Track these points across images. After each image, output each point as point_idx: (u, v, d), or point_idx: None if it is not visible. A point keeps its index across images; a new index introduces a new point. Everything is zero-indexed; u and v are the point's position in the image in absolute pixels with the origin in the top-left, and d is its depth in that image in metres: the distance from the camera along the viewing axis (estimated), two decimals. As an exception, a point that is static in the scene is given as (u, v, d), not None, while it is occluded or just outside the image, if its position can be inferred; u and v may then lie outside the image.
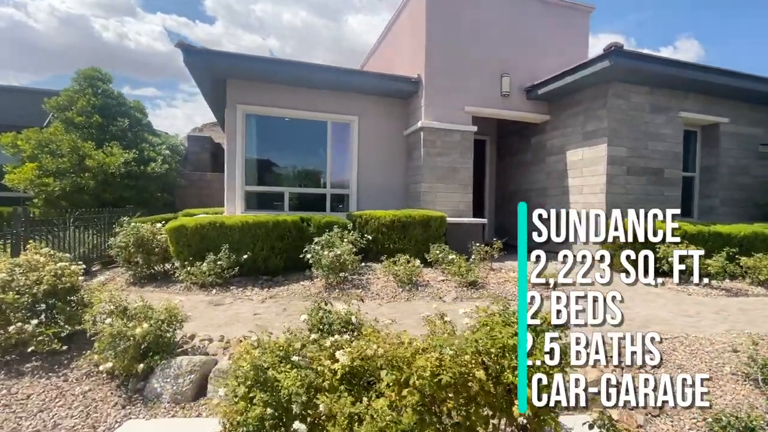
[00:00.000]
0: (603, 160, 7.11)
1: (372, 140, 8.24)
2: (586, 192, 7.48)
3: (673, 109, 7.64)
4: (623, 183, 7.23)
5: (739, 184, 8.47)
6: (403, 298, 4.97)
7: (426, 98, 7.59)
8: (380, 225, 6.50)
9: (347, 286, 5.28)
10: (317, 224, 6.16)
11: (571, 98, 7.83)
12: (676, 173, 7.74)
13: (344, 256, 5.22)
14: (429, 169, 7.63)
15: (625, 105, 7.23)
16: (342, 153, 8.26)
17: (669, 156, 7.67)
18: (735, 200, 8.41)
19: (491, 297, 4.96)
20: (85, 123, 9.80)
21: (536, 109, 8.42)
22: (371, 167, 8.24)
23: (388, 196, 8.28)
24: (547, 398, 1.88)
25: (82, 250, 6.43)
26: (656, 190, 7.59)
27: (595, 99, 7.28)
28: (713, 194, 8.24)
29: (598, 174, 7.22)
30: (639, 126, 7.34)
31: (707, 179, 8.29)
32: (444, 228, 6.73)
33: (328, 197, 8.12)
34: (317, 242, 5.44)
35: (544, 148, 8.66)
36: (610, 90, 7.07)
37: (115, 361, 2.85)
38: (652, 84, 7.32)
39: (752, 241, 6.28)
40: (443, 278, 5.60)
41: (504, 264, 6.61)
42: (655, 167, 7.51)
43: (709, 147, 8.27)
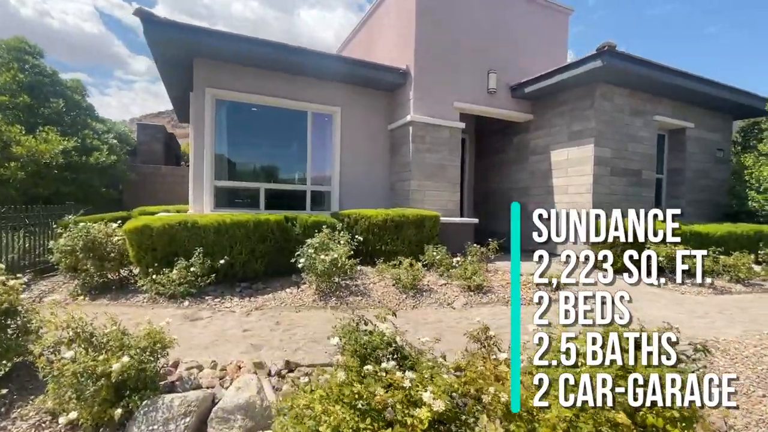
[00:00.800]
0: (590, 160, 7.16)
1: (355, 134, 7.71)
2: (572, 192, 7.50)
3: (649, 112, 7.89)
4: (608, 183, 7.33)
5: (701, 186, 9.00)
6: (408, 306, 4.53)
7: (415, 91, 7.19)
8: (371, 225, 6.02)
9: (344, 294, 4.74)
10: (303, 224, 5.54)
11: (557, 98, 7.83)
12: (651, 175, 8.02)
13: (342, 260, 4.69)
14: (418, 166, 7.26)
15: (610, 106, 7.33)
16: (323, 147, 7.65)
17: (646, 158, 7.92)
18: (698, 201, 8.93)
19: (501, 301, 4.68)
20: (9, 103, 8.28)
21: (521, 107, 8.35)
22: (354, 163, 7.70)
23: (372, 194, 7.80)
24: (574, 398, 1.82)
25: (10, 256, 5.29)
26: (635, 190, 7.80)
27: (583, 99, 7.31)
28: (680, 196, 8.67)
29: (584, 174, 7.26)
30: (621, 128, 7.49)
31: (674, 182, 8.70)
32: (438, 228, 6.39)
33: (309, 195, 7.47)
34: (310, 244, 4.85)
35: (527, 147, 8.63)
36: (598, 90, 7.12)
37: (81, 410, 2.13)
38: (633, 87, 7.49)
39: (726, 240, 6.60)
40: (444, 282, 5.24)
41: (497, 265, 6.39)
42: (635, 168, 7.72)
43: (676, 151, 8.68)
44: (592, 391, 1.84)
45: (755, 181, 7.50)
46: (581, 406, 1.64)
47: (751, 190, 7.60)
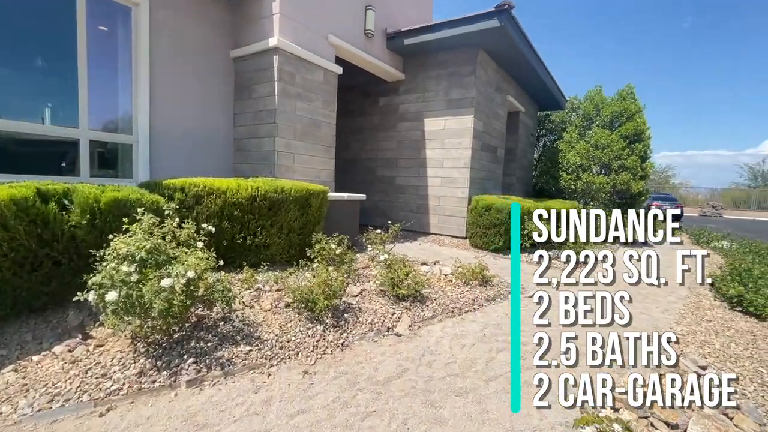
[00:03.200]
0: (469, 132, 6.70)
1: (175, 52, 4.73)
2: (448, 166, 6.96)
3: (505, 91, 8.12)
4: (479, 158, 7.11)
5: (524, 165, 10.27)
6: (331, 345, 2.69)
7: (282, 3, 4.85)
8: (227, 205, 3.65)
9: (192, 347, 2.43)
10: (88, 206, 2.70)
11: (436, 57, 6.99)
12: (502, 153, 8.39)
13: (201, 280, 2.36)
14: (287, 119, 5.05)
15: (485, 78, 7.02)
16: (114, 65, 4.36)
17: (500, 136, 8.19)
18: (522, 178, 10.15)
19: (448, 311, 3.44)
20: None
21: (394, 63, 7.14)
22: (176, 101, 4.77)
23: (206, 153, 5.11)
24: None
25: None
26: (494, 167, 7.98)
27: (464, 64, 6.69)
28: (512, 173, 9.59)
29: (462, 147, 6.78)
30: (489, 102, 7.36)
31: (509, 159, 9.53)
32: (326, 208, 4.55)
33: (86, 148, 4.14)
34: (119, 254, 2.23)
35: (396, 112, 7.59)
36: (480, 56, 6.62)
37: None
38: (499, 61, 7.41)
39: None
40: (358, 290, 3.58)
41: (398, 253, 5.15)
42: (494, 145, 7.84)
43: (512, 132, 9.47)
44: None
45: (566, 164, 8.90)
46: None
47: (563, 171, 9.00)
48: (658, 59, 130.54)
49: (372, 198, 7.90)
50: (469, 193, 6.76)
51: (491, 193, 7.68)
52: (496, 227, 6.01)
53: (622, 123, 8.45)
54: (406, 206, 7.49)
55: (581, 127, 9.38)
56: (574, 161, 8.62)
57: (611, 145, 8.13)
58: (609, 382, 2.01)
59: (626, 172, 8.09)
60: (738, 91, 75.07)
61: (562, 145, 9.20)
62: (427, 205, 7.23)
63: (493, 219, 6.00)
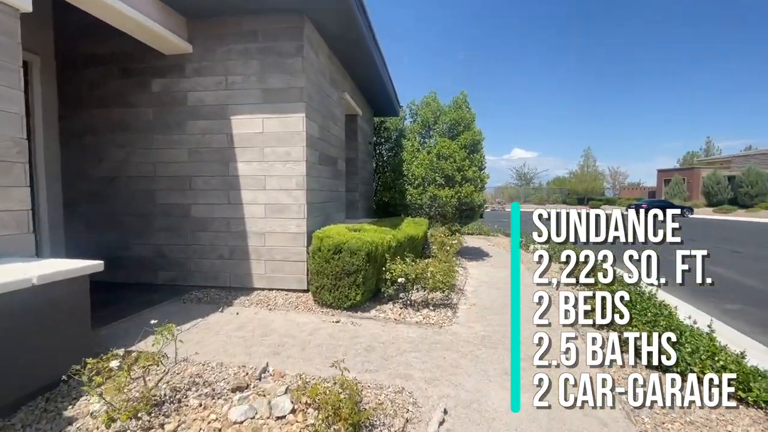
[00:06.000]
0: (300, 137, 4.60)
1: None
2: (274, 187, 4.69)
3: (341, 87, 6.38)
4: (317, 175, 5.10)
5: (365, 178, 8.85)
6: None
7: None
8: None
9: None
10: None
11: (240, 25, 4.61)
12: (343, 165, 6.62)
13: None
14: None
15: (317, 64, 5.05)
16: None
17: (341, 143, 6.40)
18: (364, 193, 8.69)
19: None
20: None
21: (172, 25, 4.40)
22: None
23: None
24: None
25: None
26: (336, 184, 6.12)
27: (286, 38, 4.55)
28: (355, 188, 8.00)
29: (292, 160, 4.63)
30: (324, 98, 5.44)
31: (350, 171, 7.88)
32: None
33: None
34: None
35: (184, 103, 4.84)
36: (307, 29, 4.60)
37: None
38: (332, 45, 5.59)
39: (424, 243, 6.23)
40: None
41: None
42: (334, 156, 5.98)
43: (351, 139, 7.85)
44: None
45: (411, 177, 7.88)
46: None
47: (409, 184, 7.96)
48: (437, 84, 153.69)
49: (152, 240, 4.90)
50: (308, 225, 4.68)
51: (335, 219, 5.80)
52: (351, 276, 4.11)
53: (459, 132, 7.97)
54: (213, 250, 4.83)
55: (420, 134, 8.59)
56: (419, 173, 7.67)
57: (453, 155, 7.48)
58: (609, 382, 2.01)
59: (469, 184, 7.59)
60: (489, 111, 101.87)
61: (405, 155, 8.17)
62: (246, 246, 4.77)
63: (346, 265, 4.09)
